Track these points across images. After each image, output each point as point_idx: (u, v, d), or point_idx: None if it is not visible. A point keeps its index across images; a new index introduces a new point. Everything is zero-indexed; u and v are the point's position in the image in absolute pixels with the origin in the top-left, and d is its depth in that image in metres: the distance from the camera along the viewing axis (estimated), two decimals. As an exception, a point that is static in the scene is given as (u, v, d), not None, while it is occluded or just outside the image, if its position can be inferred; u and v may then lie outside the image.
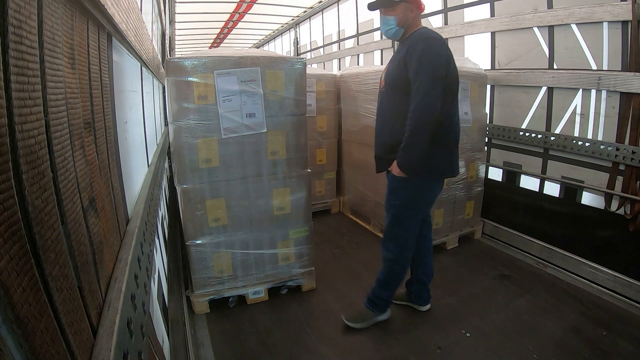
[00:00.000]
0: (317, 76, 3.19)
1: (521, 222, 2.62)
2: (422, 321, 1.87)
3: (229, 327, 1.86)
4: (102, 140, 0.80)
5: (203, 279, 1.92)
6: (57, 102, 0.52)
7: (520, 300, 2.01)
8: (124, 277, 0.70)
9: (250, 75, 1.78)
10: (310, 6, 5.64)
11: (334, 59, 5.46)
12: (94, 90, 0.75)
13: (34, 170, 0.42)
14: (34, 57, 0.44)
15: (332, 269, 2.41)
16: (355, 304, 2.02)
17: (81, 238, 0.56)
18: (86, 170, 0.65)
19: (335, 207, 3.53)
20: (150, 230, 1.19)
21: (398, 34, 1.63)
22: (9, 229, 0.35)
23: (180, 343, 1.50)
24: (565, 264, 2.31)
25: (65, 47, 0.59)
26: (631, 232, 1.97)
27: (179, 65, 1.69)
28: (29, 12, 0.43)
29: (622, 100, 1.99)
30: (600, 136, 2.14)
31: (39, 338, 0.37)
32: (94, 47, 0.77)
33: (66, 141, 0.55)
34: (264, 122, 1.85)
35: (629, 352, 1.62)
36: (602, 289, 2.09)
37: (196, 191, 1.82)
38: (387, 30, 1.63)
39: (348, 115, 3.19)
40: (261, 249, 2.00)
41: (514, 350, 1.64)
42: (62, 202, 0.51)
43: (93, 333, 0.56)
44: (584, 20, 2.09)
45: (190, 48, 8.26)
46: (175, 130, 1.74)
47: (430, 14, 3.44)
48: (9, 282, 0.33)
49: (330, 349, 1.70)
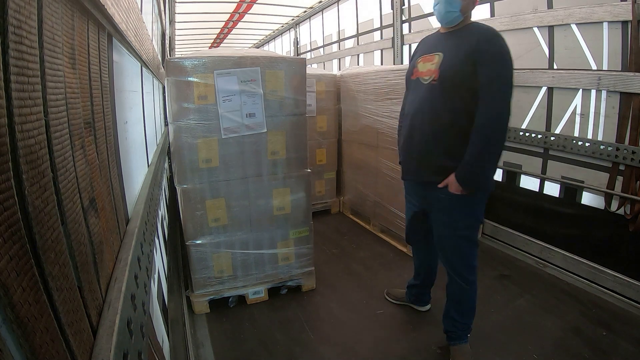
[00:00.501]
0: (317, 76, 3.19)
1: (521, 222, 2.62)
2: (422, 321, 1.87)
3: (229, 327, 1.86)
4: (102, 140, 0.80)
5: (203, 279, 1.92)
6: (57, 102, 0.52)
7: (520, 300, 2.01)
8: (124, 277, 0.70)
9: (250, 75, 1.78)
10: (310, 6, 5.63)
11: (334, 59, 5.45)
12: (94, 90, 0.75)
13: (34, 170, 0.42)
14: (34, 57, 0.44)
15: (332, 269, 2.41)
16: (356, 304, 2.03)
17: (81, 238, 0.56)
18: (86, 170, 0.65)
19: (335, 207, 3.53)
20: (150, 230, 1.19)
21: (456, 21, 1.42)
22: (9, 229, 0.35)
23: (180, 343, 1.50)
24: (565, 264, 2.31)
25: (66, 47, 0.59)
26: (631, 232, 1.97)
27: (179, 65, 1.69)
28: (29, 12, 0.43)
29: (622, 100, 1.99)
30: (600, 136, 2.14)
31: (39, 338, 0.37)
32: (94, 47, 0.77)
33: (66, 141, 0.55)
34: (264, 122, 1.85)
35: (629, 352, 1.62)
36: (602, 289, 2.09)
37: (196, 191, 1.82)
38: (448, 12, 1.40)
39: (348, 115, 3.19)
40: (261, 249, 2.00)
41: (514, 350, 1.64)
42: (62, 202, 0.51)
43: (93, 333, 0.56)
44: (584, 20, 2.09)
45: (190, 48, 8.26)
46: (175, 130, 1.74)
47: (430, 14, 3.44)
48: (9, 282, 0.33)
49: (330, 349, 1.70)
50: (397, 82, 2.47)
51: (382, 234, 2.89)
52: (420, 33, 3.55)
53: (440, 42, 1.47)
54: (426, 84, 1.47)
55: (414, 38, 3.66)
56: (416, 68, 1.53)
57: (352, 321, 1.89)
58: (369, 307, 2.00)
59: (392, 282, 2.23)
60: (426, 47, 1.54)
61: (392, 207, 2.69)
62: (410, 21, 3.71)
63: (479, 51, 1.33)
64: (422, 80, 1.48)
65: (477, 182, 1.40)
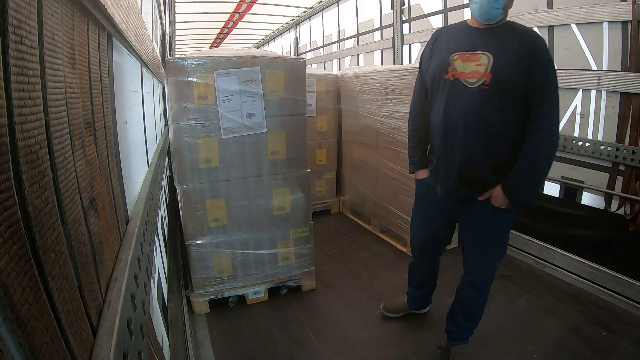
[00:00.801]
0: (317, 76, 3.19)
1: (521, 222, 2.62)
2: (422, 321, 1.87)
3: (229, 327, 1.86)
4: (102, 140, 0.80)
5: (203, 279, 1.92)
6: (57, 102, 0.52)
7: (520, 301, 2.01)
8: (124, 277, 0.70)
9: (250, 75, 1.78)
10: (310, 6, 5.63)
11: (334, 59, 5.46)
12: (94, 90, 0.75)
13: (34, 170, 0.42)
14: (34, 57, 0.44)
15: (332, 269, 2.41)
16: (356, 304, 2.03)
17: (81, 238, 0.56)
18: (86, 170, 0.65)
19: (335, 207, 3.53)
20: (150, 230, 1.19)
21: (498, 17, 1.27)
22: (9, 229, 0.35)
23: (180, 343, 1.50)
24: (565, 264, 2.31)
25: (66, 47, 0.59)
26: (631, 232, 1.97)
27: (179, 65, 1.68)
28: (29, 12, 0.43)
29: (622, 101, 1.99)
30: (600, 136, 2.14)
31: (39, 338, 0.37)
32: (94, 47, 0.77)
33: (66, 141, 0.55)
34: (264, 122, 1.85)
35: (629, 352, 1.62)
36: (602, 289, 2.09)
37: (196, 191, 1.82)
38: (492, 8, 1.24)
39: (348, 115, 3.19)
40: (261, 249, 2.00)
41: (514, 350, 1.64)
42: (62, 202, 0.51)
43: (93, 333, 0.56)
44: (584, 20, 2.09)
45: (190, 48, 8.26)
46: (175, 130, 1.74)
47: (430, 14, 3.44)
48: (9, 282, 0.33)
49: (330, 349, 1.70)
50: (397, 82, 2.47)
51: (382, 234, 2.89)
52: (420, 33, 3.56)
53: (479, 39, 1.30)
54: (474, 87, 1.28)
55: (414, 38, 3.66)
56: (452, 66, 1.32)
57: (352, 321, 1.89)
58: (369, 307, 2.00)
59: (392, 282, 2.23)
60: (459, 43, 1.33)
61: (392, 207, 2.69)
62: (410, 21, 3.72)
63: (534, 59, 1.22)
64: (467, 83, 1.29)
65: (529, 197, 1.32)
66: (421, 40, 3.55)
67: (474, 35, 1.32)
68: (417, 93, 1.55)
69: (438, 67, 1.37)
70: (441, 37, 1.43)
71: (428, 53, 1.46)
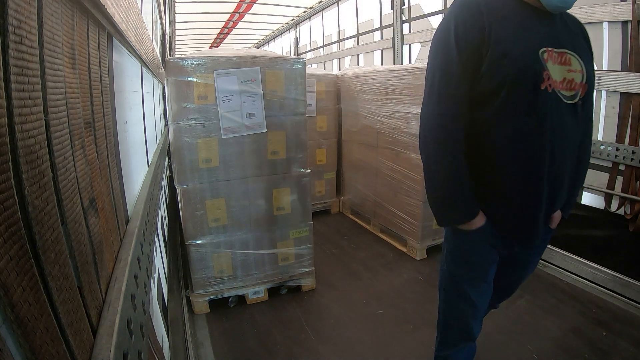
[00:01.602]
0: (317, 76, 3.19)
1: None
2: (422, 321, 1.87)
3: (229, 327, 1.86)
4: (102, 140, 0.80)
5: (203, 279, 1.92)
6: (57, 102, 0.52)
7: (520, 300, 2.01)
8: (124, 277, 0.70)
9: (250, 75, 1.78)
10: (310, 6, 5.64)
11: (334, 59, 5.46)
12: (94, 90, 0.75)
13: (34, 170, 0.42)
14: (34, 57, 0.44)
15: (332, 269, 2.41)
16: (356, 304, 2.03)
17: (81, 238, 0.56)
18: (86, 170, 0.65)
19: (335, 207, 3.53)
20: (150, 230, 1.19)
21: (571, 5, 0.92)
22: (9, 229, 0.35)
23: (180, 343, 1.50)
24: (565, 264, 2.31)
25: (66, 47, 0.59)
26: (631, 232, 1.97)
27: (179, 65, 1.69)
28: (29, 12, 0.43)
29: (622, 100, 1.99)
30: (600, 136, 2.14)
31: (39, 338, 0.37)
32: (94, 47, 0.77)
33: (66, 141, 0.55)
34: (264, 122, 1.85)
35: (629, 352, 1.62)
36: (602, 289, 2.09)
37: (196, 191, 1.82)
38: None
39: (348, 115, 3.19)
40: (261, 249, 2.00)
41: (514, 350, 1.64)
42: (62, 202, 0.51)
43: (93, 333, 0.56)
44: (584, 20, 2.08)
45: (190, 48, 8.27)
46: (175, 130, 1.74)
47: (430, 14, 3.44)
48: (9, 282, 0.33)
49: (330, 349, 1.70)
50: (397, 82, 2.47)
51: (382, 234, 2.89)
52: (420, 33, 3.56)
53: (557, 29, 0.94)
54: (569, 104, 0.93)
55: (414, 38, 3.66)
56: (547, 71, 0.89)
57: (352, 321, 1.89)
58: (369, 307, 2.00)
59: (392, 282, 2.23)
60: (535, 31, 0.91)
61: (392, 207, 2.69)
62: (410, 21, 3.72)
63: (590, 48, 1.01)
64: (563, 98, 0.92)
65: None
66: (421, 40, 3.55)
67: (547, 22, 0.92)
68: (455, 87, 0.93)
69: (524, 66, 0.89)
70: (494, 12, 0.90)
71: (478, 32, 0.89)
